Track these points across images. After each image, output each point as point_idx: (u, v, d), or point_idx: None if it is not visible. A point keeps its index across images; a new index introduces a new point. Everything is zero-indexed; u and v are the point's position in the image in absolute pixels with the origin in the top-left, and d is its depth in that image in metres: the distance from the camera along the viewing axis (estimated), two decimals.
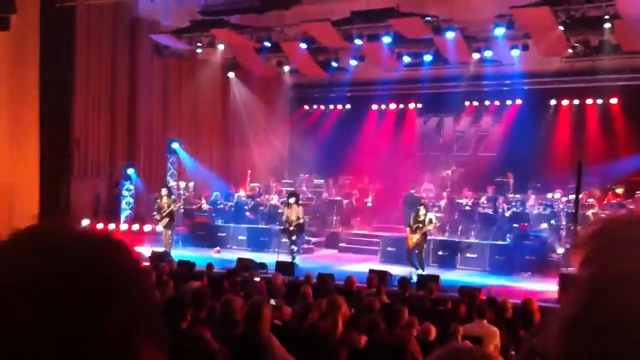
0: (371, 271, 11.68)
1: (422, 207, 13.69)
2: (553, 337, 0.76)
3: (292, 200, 14.83)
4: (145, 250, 14.01)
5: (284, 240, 15.16)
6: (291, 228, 14.61)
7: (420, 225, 13.39)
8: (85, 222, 15.46)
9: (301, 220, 14.72)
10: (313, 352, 5.77)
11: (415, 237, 13.39)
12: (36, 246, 0.79)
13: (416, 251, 13.51)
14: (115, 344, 0.76)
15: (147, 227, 17.23)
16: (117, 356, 0.76)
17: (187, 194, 18.94)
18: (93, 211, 16.94)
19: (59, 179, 16.22)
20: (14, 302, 0.74)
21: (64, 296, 0.75)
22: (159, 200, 15.47)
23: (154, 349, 0.80)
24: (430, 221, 13.51)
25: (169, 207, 15.31)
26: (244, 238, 17.31)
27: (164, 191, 15.52)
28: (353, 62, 18.09)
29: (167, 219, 15.27)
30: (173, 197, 16.05)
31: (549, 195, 16.28)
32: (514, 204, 16.34)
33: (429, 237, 14.15)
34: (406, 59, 17.59)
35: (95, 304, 0.76)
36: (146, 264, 11.62)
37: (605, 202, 15.66)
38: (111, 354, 0.76)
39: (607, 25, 14.02)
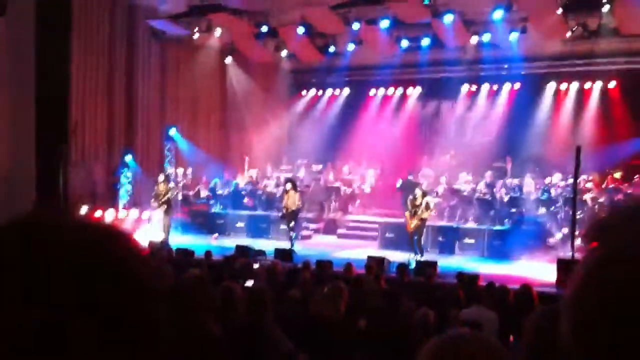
0: (369, 257, 11.70)
1: (418, 190, 13.71)
2: (562, 315, 0.78)
3: (288, 186, 14.79)
4: (143, 237, 14.01)
5: (282, 227, 15.16)
6: (289, 213, 14.57)
7: (418, 210, 13.41)
8: (84, 209, 15.46)
9: (294, 208, 14.65)
10: (315, 338, 5.79)
11: (414, 223, 13.43)
12: (36, 235, 0.78)
13: (415, 237, 13.53)
14: (118, 333, 0.76)
15: (146, 214, 17.22)
16: (119, 345, 0.76)
17: (184, 180, 18.92)
18: (91, 198, 16.91)
19: (56, 165, 16.18)
20: (12, 293, 0.74)
21: (65, 286, 0.74)
22: (156, 187, 15.47)
23: (159, 337, 0.81)
24: (428, 206, 13.50)
25: (166, 194, 15.31)
26: (242, 225, 17.32)
27: (161, 177, 15.52)
28: (351, 47, 18.03)
29: (164, 206, 15.28)
30: (171, 184, 16.02)
31: (547, 180, 16.29)
32: (512, 188, 16.36)
33: (427, 223, 14.17)
34: (404, 43, 17.53)
35: (97, 292, 0.75)
36: (145, 250, 11.63)
37: (604, 186, 15.66)
38: (112, 345, 0.76)
39: (606, 7, 13.96)
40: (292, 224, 14.69)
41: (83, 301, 0.74)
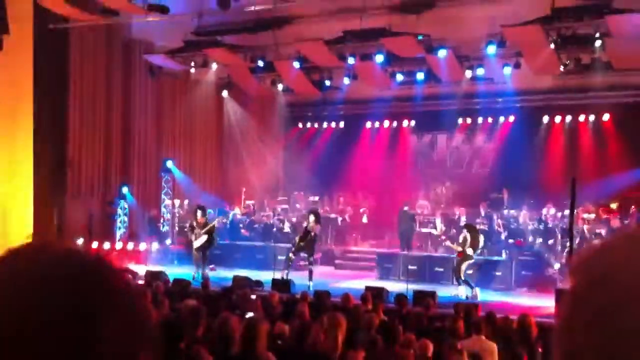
0: (367, 288, 11.65)
1: (464, 230, 13.67)
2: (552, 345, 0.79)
3: (311, 218, 14.23)
4: (140, 269, 13.93)
5: (280, 257, 15.05)
6: (302, 243, 14.14)
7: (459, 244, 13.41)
8: (80, 241, 15.39)
9: (312, 233, 14.08)
10: None
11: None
12: (29, 265, 0.79)
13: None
14: None
15: (142, 246, 17.17)
16: None
17: (181, 212, 18.90)
18: (87, 230, 16.87)
19: (53, 198, 16.17)
20: (5, 321, 0.74)
21: (56, 314, 0.75)
22: (193, 221, 15.12)
23: None
24: (464, 240, 13.37)
25: (205, 225, 14.75)
26: (240, 256, 17.24)
27: (199, 213, 14.92)
28: (346, 81, 18.19)
29: (206, 236, 14.75)
30: (208, 216, 15.38)
31: (543, 211, 16.34)
32: (508, 219, 16.40)
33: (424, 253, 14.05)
34: (399, 78, 17.70)
35: (88, 321, 0.76)
36: (141, 282, 11.57)
37: (599, 217, 15.71)
38: None
39: (598, 43, 14.16)
40: (311, 258, 14.24)
41: (68, 334, 0.74)
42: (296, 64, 17.13)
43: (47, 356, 0.73)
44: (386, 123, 21.23)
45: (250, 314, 7.80)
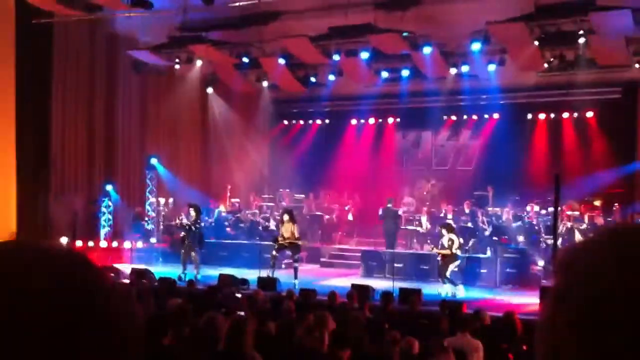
0: (353, 286, 11.66)
1: (444, 231, 13.65)
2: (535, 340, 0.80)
3: (286, 217, 14.40)
4: (125, 267, 13.85)
5: (266, 255, 15.03)
6: (285, 244, 14.15)
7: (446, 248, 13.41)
8: (64, 240, 15.26)
9: (299, 242, 14.27)
10: None
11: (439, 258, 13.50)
12: (7, 264, 0.77)
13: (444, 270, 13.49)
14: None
15: (127, 244, 17.07)
16: None
17: (166, 210, 18.80)
18: (71, 228, 16.73)
19: (36, 196, 16.02)
20: None
21: (34, 316, 0.73)
22: (181, 219, 15.08)
23: None
24: (452, 243, 13.28)
25: (190, 225, 14.68)
26: (225, 254, 17.19)
27: (192, 212, 14.87)
28: (331, 78, 18.18)
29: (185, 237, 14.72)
30: (201, 215, 15.36)
31: (528, 209, 16.45)
32: (492, 216, 16.49)
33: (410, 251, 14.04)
34: (384, 74, 17.72)
35: (68, 323, 0.74)
36: (126, 281, 11.50)
37: (583, 214, 15.84)
38: None
39: (582, 40, 14.25)
40: (296, 256, 14.29)
41: (44, 337, 0.72)
42: (281, 61, 17.10)
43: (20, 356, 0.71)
44: (371, 120, 21.27)
45: (237, 313, 7.78)
